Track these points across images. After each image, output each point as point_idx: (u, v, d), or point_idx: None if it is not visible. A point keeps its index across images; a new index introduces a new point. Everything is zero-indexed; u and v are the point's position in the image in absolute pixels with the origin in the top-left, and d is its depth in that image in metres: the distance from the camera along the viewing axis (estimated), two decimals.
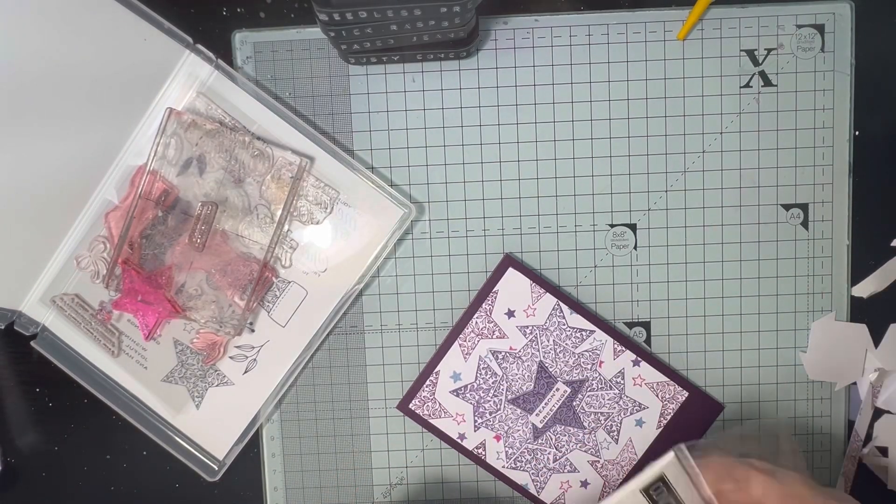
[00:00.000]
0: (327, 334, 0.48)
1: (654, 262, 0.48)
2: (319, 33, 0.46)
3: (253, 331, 0.48)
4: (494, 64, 0.47)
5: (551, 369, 0.48)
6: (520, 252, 0.48)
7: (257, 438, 0.49)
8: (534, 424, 0.48)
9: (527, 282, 0.47)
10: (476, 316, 0.47)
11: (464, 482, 0.49)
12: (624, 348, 0.47)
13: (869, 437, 0.49)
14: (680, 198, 0.47)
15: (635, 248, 0.48)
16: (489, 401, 0.48)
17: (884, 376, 0.48)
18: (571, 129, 0.47)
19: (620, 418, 0.48)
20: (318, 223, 0.47)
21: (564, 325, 0.47)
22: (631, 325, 0.48)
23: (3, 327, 0.47)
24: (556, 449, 0.48)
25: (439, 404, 0.48)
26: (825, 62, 0.47)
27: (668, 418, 0.48)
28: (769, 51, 0.46)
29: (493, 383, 0.48)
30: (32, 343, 0.48)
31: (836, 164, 0.47)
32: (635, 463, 0.48)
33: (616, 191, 0.47)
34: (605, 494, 0.47)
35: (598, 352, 0.47)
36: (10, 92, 0.41)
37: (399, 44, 0.42)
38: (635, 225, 0.48)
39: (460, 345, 0.48)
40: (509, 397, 0.48)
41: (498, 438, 0.48)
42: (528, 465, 0.48)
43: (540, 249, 0.48)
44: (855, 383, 0.49)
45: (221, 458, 0.49)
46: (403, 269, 0.48)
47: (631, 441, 0.48)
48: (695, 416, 0.48)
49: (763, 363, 0.49)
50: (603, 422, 0.48)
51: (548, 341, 0.47)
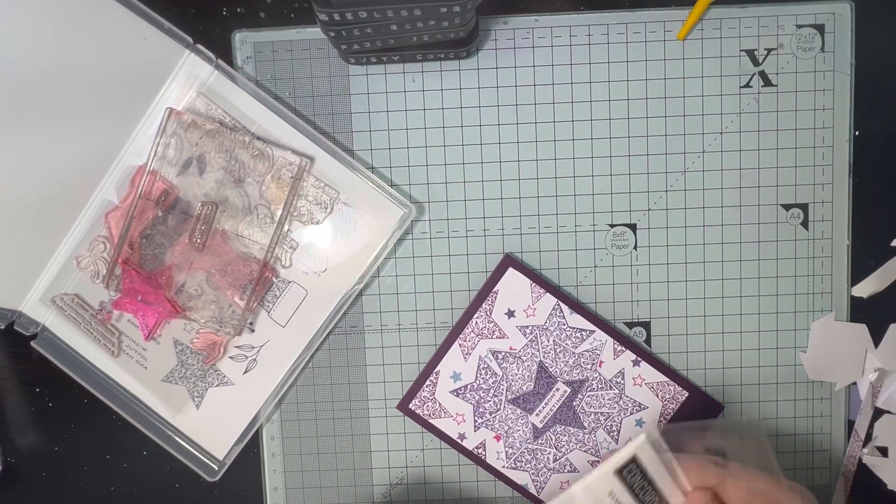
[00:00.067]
0: (327, 334, 0.48)
1: (654, 262, 0.48)
2: (319, 33, 0.46)
3: (253, 331, 0.48)
4: (494, 64, 0.47)
5: (551, 369, 0.48)
6: (520, 252, 0.48)
7: (257, 438, 0.49)
8: (534, 424, 0.48)
9: (527, 282, 0.47)
10: (476, 316, 0.47)
11: (464, 482, 0.49)
12: (624, 348, 0.47)
13: (869, 437, 0.49)
14: (680, 198, 0.47)
15: (635, 248, 0.48)
16: (489, 401, 0.48)
17: (884, 376, 0.48)
18: (571, 129, 0.47)
19: (620, 418, 0.48)
20: (318, 223, 0.47)
21: (564, 325, 0.47)
22: (631, 325, 0.48)
23: (3, 327, 0.47)
24: (556, 449, 0.48)
25: (439, 404, 0.48)
26: (825, 62, 0.47)
27: (668, 418, 0.48)
28: (769, 51, 0.46)
29: (493, 383, 0.48)
30: (32, 343, 0.48)
31: (836, 164, 0.47)
32: None
33: (616, 191, 0.47)
34: None
35: (598, 352, 0.47)
36: (10, 92, 0.41)
37: (399, 44, 0.42)
38: (635, 225, 0.48)
39: (460, 345, 0.48)
40: (509, 397, 0.48)
41: (498, 438, 0.48)
42: (528, 465, 0.48)
43: (540, 249, 0.48)
44: (855, 383, 0.49)
45: (221, 458, 0.49)
46: (403, 269, 0.48)
47: (631, 441, 0.48)
48: (695, 417, 0.48)
49: (763, 363, 0.49)
50: (603, 422, 0.48)
51: (548, 341, 0.47)
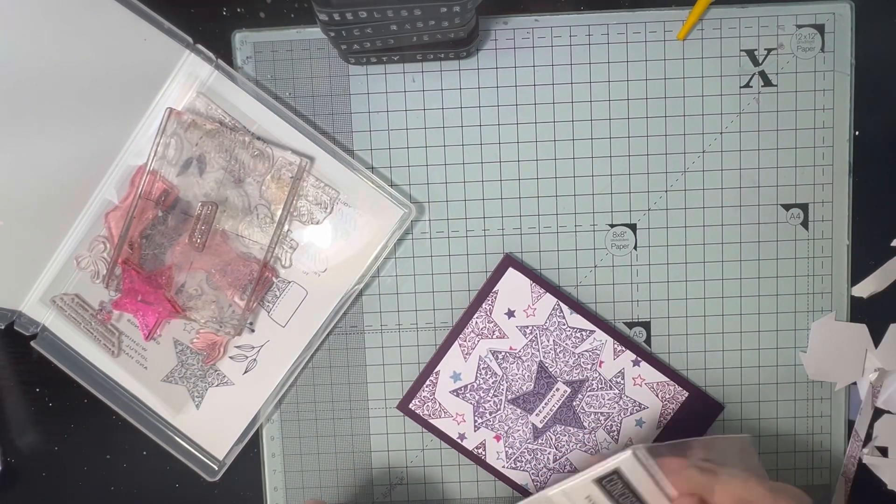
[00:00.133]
0: (327, 334, 0.48)
1: (654, 262, 0.48)
2: (319, 33, 0.46)
3: (253, 331, 0.48)
4: (494, 64, 0.47)
5: (551, 369, 0.48)
6: (520, 252, 0.48)
7: (257, 438, 0.49)
8: (534, 424, 0.48)
9: (527, 282, 0.47)
10: (476, 316, 0.47)
11: (464, 482, 0.49)
12: (624, 348, 0.47)
13: (869, 437, 0.49)
14: (680, 198, 0.47)
15: (635, 248, 0.48)
16: (489, 401, 0.48)
17: (884, 376, 0.48)
18: (571, 129, 0.47)
19: (620, 418, 0.48)
20: (318, 223, 0.47)
21: (564, 325, 0.47)
22: (631, 325, 0.48)
23: (3, 327, 0.47)
24: (556, 449, 0.48)
25: (439, 404, 0.48)
26: (825, 62, 0.47)
27: (668, 418, 0.48)
28: (769, 51, 0.46)
29: (493, 383, 0.48)
30: (32, 343, 0.48)
31: (836, 164, 0.47)
32: None
33: (616, 191, 0.47)
34: None
35: (598, 352, 0.47)
36: (10, 92, 0.41)
37: (399, 44, 0.42)
38: (635, 225, 0.48)
39: (460, 345, 0.48)
40: (509, 397, 0.48)
41: (498, 438, 0.48)
42: (528, 465, 0.48)
43: (540, 249, 0.48)
44: (855, 383, 0.48)
45: (221, 458, 0.49)
46: (403, 269, 0.48)
47: (631, 441, 0.48)
48: (695, 417, 0.48)
49: (763, 363, 0.48)
50: (603, 422, 0.48)
51: (548, 341, 0.47)
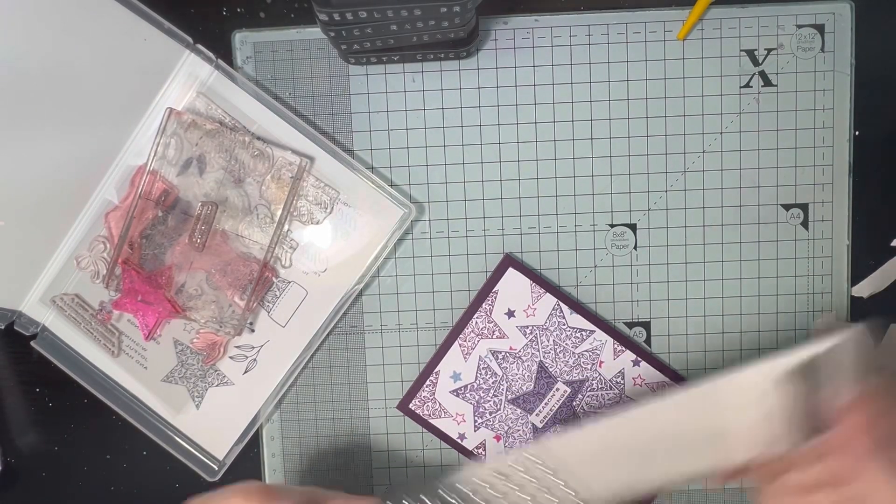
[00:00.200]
0: (327, 334, 0.48)
1: (654, 262, 0.48)
2: (319, 33, 0.46)
3: (253, 331, 0.48)
4: (494, 64, 0.47)
5: (551, 369, 0.48)
6: (520, 252, 0.48)
7: (257, 438, 0.49)
8: (534, 424, 0.48)
9: (527, 282, 0.47)
10: (476, 316, 0.47)
11: None
12: (624, 348, 0.47)
13: None
14: (680, 198, 0.47)
15: (635, 248, 0.48)
16: (489, 401, 0.48)
17: None
18: (571, 129, 0.47)
19: None
20: (318, 223, 0.47)
21: (564, 325, 0.47)
22: (631, 325, 0.48)
23: (3, 327, 0.47)
24: None
25: (439, 404, 0.48)
26: (825, 62, 0.47)
27: None
28: (769, 51, 0.46)
29: (493, 383, 0.48)
30: (32, 343, 0.48)
31: (836, 164, 0.47)
32: None
33: (616, 191, 0.47)
34: None
35: (598, 352, 0.47)
36: (10, 92, 0.41)
37: (399, 44, 0.42)
38: (635, 225, 0.48)
39: (460, 345, 0.48)
40: (509, 397, 0.48)
41: (498, 438, 0.48)
42: None
43: (540, 249, 0.48)
44: None
45: (221, 458, 0.49)
46: (403, 269, 0.48)
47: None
48: None
49: None
50: None
51: (548, 341, 0.47)
